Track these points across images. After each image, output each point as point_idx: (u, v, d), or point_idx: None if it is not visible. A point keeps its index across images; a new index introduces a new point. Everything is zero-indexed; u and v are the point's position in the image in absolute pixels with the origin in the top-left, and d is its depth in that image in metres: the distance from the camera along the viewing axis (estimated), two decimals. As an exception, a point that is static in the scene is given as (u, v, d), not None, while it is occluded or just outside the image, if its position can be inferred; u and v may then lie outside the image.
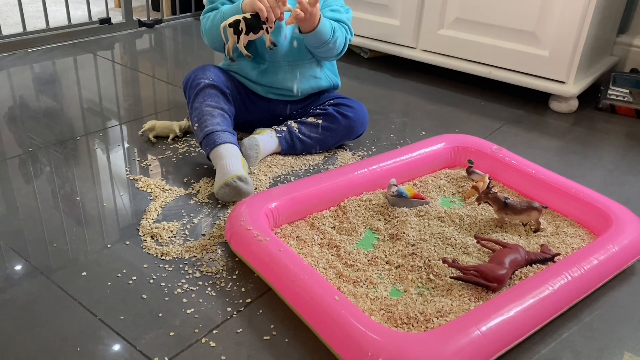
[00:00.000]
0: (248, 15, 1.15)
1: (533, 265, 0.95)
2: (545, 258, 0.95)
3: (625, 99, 1.65)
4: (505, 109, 1.67)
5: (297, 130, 1.29)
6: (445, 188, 1.20)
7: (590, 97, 1.72)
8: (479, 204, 1.09)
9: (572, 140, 1.49)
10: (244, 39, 1.17)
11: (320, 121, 1.31)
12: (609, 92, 1.67)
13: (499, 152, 1.24)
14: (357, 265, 0.94)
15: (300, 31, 1.23)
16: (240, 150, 1.19)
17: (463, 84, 1.82)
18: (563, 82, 1.61)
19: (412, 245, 0.99)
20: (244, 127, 1.36)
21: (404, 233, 1.02)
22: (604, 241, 0.94)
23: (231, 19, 1.16)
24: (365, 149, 1.38)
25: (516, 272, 0.93)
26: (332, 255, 0.97)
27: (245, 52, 1.21)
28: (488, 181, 1.12)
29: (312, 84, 1.35)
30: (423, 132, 1.48)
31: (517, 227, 1.07)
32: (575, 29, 1.53)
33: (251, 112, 1.34)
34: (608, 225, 0.99)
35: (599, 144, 1.48)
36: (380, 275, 0.93)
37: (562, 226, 1.07)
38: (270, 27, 1.18)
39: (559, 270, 0.86)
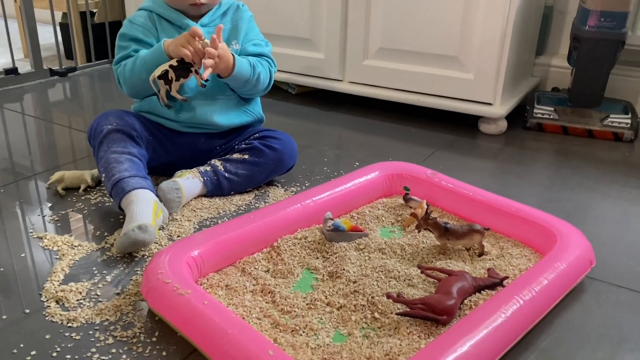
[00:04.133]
0: (174, 63, 1.12)
1: (482, 291, 0.88)
2: (494, 283, 0.90)
3: (551, 116, 1.67)
4: (437, 134, 1.65)
5: (223, 169, 1.20)
6: (383, 218, 1.14)
7: (518, 118, 1.73)
8: (419, 231, 1.03)
9: (505, 161, 1.48)
10: (175, 85, 1.14)
11: (246, 156, 1.23)
12: (535, 111, 1.69)
13: (434, 176, 1.19)
14: (295, 311, 0.85)
15: (219, 76, 1.18)
16: (159, 195, 1.09)
17: (393, 113, 1.80)
18: (490, 104, 1.61)
19: (354, 282, 0.91)
20: (165, 169, 1.26)
21: (344, 270, 0.94)
22: (551, 259, 0.90)
23: (159, 71, 1.12)
24: (298, 184, 1.30)
25: (465, 301, 0.86)
26: (266, 302, 0.87)
27: (180, 97, 1.17)
28: (426, 207, 1.06)
29: (234, 119, 1.28)
30: (357, 163, 1.43)
31: (461, 252, 1.01)
32: (497, 51, 1.54)
33: (170, 151, 1.24)
34: (552, 243, 0.95)
35: (532, 162, 1.48)
36: (321, 319, 0.84)
37: (506, 247, 1.03)
38: (199, 68, 1.14)
39: (510, 295, 0.80)
